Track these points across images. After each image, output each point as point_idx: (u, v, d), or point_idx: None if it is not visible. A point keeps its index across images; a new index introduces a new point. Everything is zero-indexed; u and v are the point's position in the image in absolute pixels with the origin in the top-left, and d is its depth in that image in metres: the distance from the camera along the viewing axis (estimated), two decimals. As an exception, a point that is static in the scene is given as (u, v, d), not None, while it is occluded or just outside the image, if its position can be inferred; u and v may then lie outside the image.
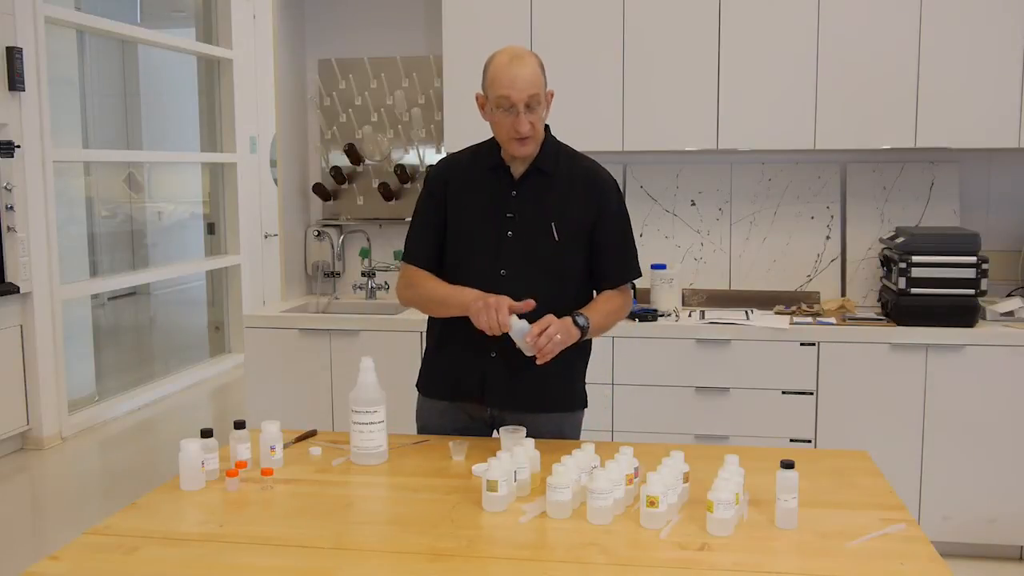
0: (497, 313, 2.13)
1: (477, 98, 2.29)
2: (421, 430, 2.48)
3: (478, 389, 2.35)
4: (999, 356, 3.42)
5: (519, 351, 2.17)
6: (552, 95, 2.29)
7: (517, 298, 2.21)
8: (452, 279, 2.33)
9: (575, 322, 2.22)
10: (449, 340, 2.37)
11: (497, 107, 2.22)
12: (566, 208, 2.31)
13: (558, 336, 2.14)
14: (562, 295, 2.32)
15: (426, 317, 2.47)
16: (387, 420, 2.19)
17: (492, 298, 2.16)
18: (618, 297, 2.39)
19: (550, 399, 2.37)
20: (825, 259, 4.02)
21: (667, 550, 1.71)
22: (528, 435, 2.13)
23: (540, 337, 2.11)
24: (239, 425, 2.15)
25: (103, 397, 5.98)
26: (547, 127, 2.34)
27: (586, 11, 3.79)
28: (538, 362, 2.16)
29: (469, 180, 2.36)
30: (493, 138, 2.36)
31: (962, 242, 3.49)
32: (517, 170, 2.33)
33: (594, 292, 2.42)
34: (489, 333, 2.15)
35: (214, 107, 7.08)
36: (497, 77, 2.21)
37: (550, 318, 2.16)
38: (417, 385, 2.52)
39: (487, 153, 2.36)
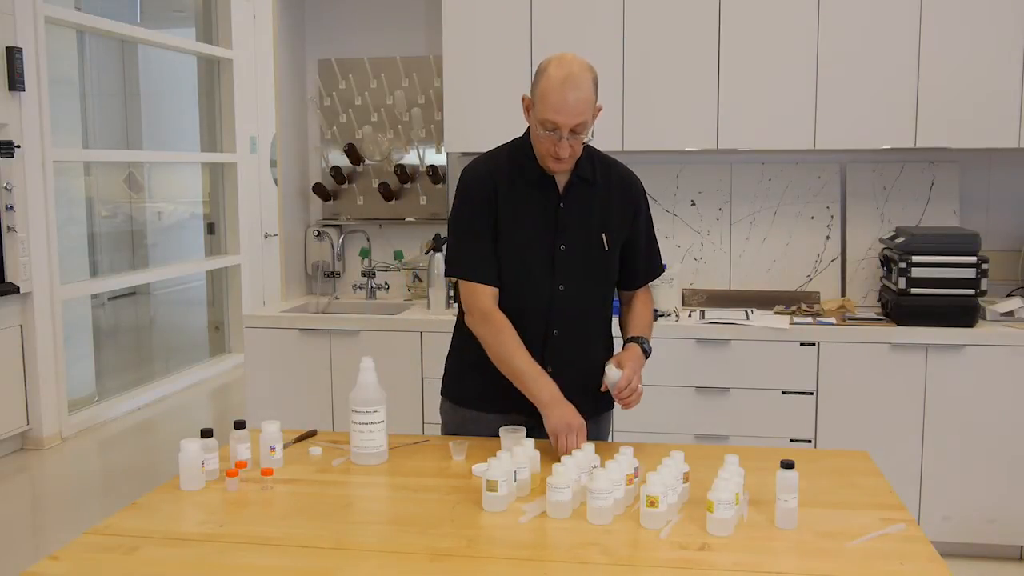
0: (576, 442, 2.10)
1: (523, 100, 2.21)
2: (450, 434, 2.43)
3: (532, 403, 2.29)
4: (999, 356, 3.42)
5: (570, 365, 2.26)
6: (600, 109, 2.19)
7: (573, 309, 2.28)
8: (507, 295, 2.26)
9: (644, 350, 2.29)
10: None
11: (542, 126, 2.14)
12: (610, 216, 2.30)
13: (640, 387, 2.20)
14: (608, 297, 2.38)
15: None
16: (387, 420, 2.19)
17: (576, 424, 2.12)
18: (650, 301, 2.46)
19: (596, 405, 2.36)
20: (825, 259, 4.02)
21: (667, 550, 1.71)
22: None
23: (625, 390, 2.17)
24: (239, 425, 2.15)
25: (103, 397, 5.99)
26: None
27: (586, 11, 3.79)
28: (623, 407, 2.23)
29: (515, 190, 2.25)
30: (524, 141, 2.28)
31: (962, 242, 3.49)
32: (560, 180, 2.26)
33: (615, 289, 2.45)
34: (559, 453, 2.11)
35: (214, 107, 7.08)
36: (547, 97, 2.10)
37: (634, 367, 2.20)
38: (448, 394, 2.45)
39: (525, 160, 2.25)
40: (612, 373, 2.18)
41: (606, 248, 2.28)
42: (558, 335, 2.29)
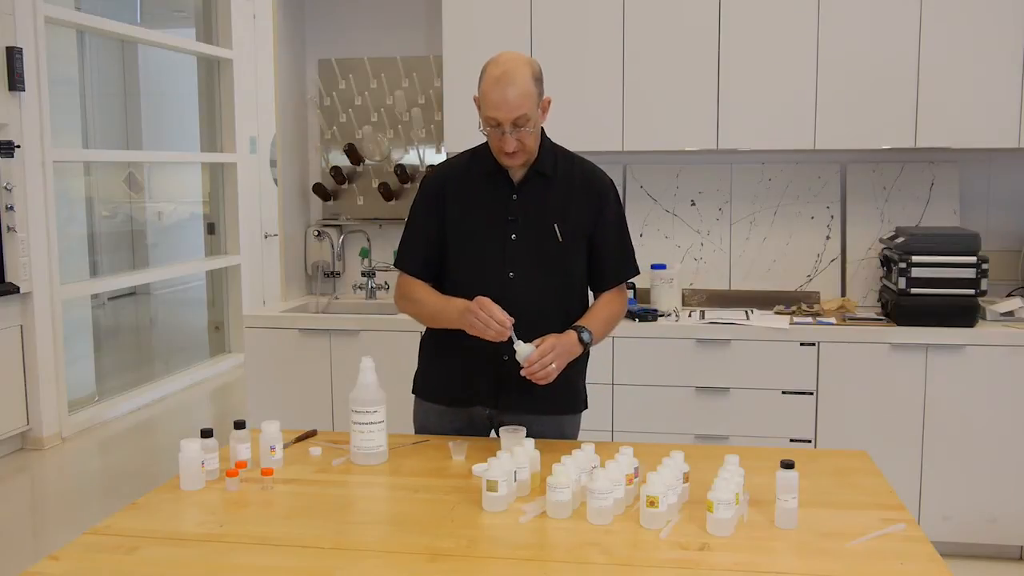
0: (490, 313, 2.12)
1: (475, 100, 2.26)
2: (419, 431, 2.47)
3: (492, 394, 2.34)
4: (999, 356, 3.42)
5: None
6: (549, 102, 2.25)
7: (526, 298, 2.25)
8: (461, 283, 2.30)
9: (580, 339, 2.25)
10: (456, 345, 2.30)
11: (486, 123, 2.21)
12: (567, 209, 2.31)
13: (552, 365, 2.15)
14: (570, 293, 2.36)
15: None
16: (387, 420, 2.19)
17: (474, 302, 2.15)
18: (616, 301, 2.41)
19: (560, 402, 2.38)
20: (825, 259, 4.02)
21: (667, 550, 1.71)
22: (531, 436, 2.13)
23: (534, 365, 2.13)
24: (239, 425, 2.15)
25: (103, 397, 5.99)
26: (542, 129, 2.32)
27: (586, 11, 3.79)
28: (539, 383, 2.17)
29: (467, 185, 2.34)
30: None
31: (962, 242, 3.49)
32: (517, 174, 2.31)
33: (590, 291, 2.44)
34: (497, 339, 2.13)
35: (214, 107, 7.08)
36: (485, 96, 2.17)
37: (553, 343, 2.17)
38: (415, 390, 2.49)
39: (486, 157, 2.32)
40: (523, 348, 2.14)
41: (559, 239, 2.29)
42: (513, 323, 2.27)
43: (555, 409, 2.38)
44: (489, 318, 2.12)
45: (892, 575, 1.62)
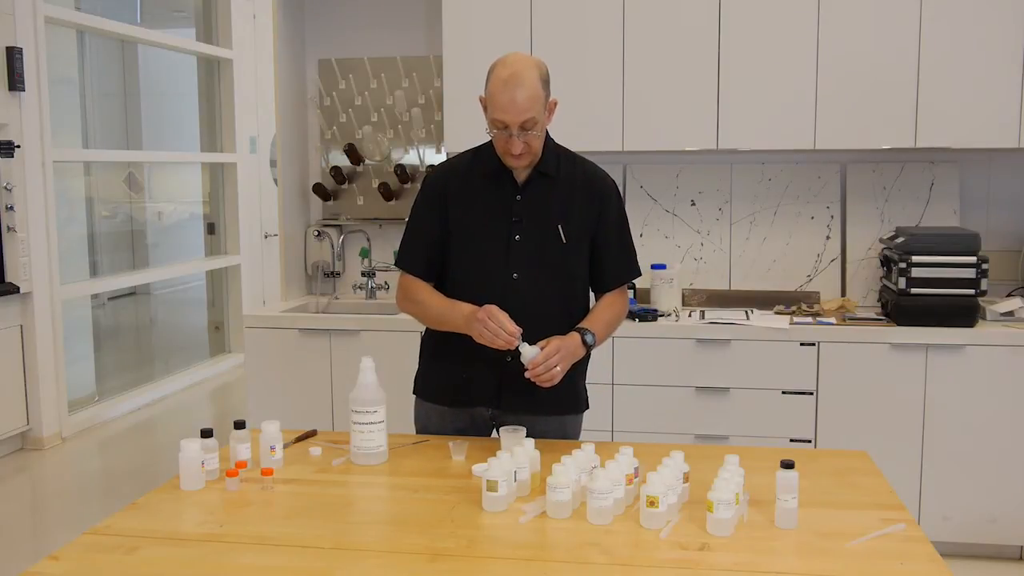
0: (500, 323, 2.12)
1: (480, 100, 2.26)
2: (421, 431, 2.47)
3: (494, 395, 2.34)
4: (999, 356, 3.42)
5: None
6: (555, 103, 2.26)
7: (530, 299, 2.25)
8: (463, 283, 2.31)
9: (584, 341, 2.25)
10: (458, 346, 2.29)
11: (493, 125, 2.20)
12: (570, 210, 2.32)
13: (557, 368, 2.15)
14: (573, 295, 2.36)
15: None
16: (387, 420, 2.19)
17: (483, 311, 2.15)
18: (618, 302, 2.41)
19: (562, 402, 2.38)
20: (825, 259, 4.02)
21: (667, 550, 1.71)
22: (534, 436, 2.13)
23: (539, 367, 2.13)
24: (239, 425, 2.15)
25: (103, 397, 5.99)
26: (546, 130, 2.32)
27: (586, 11, 3.79)
28: (544, 386, 2.17)
29: (471, 185, 2.33)
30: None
31: (962, 242, 3.49)
32: (520, 174, 2.31)
33: (591, 292, 2.44)
34: (505, 348, 2.13)
35: (214, 107, 7.08)
36: (494, 97, 2.16)
37: (558, 345, 2.17)
38: (415, 391, 2.49)
39: (488, 157, 2.32)
40: (527, 350, 2.14)
41: (563, 240, 2.30)
42: (520, 332, 2.26)
43: (557, 409, 2.39)
44: (499, 328, 2.12)
45: (892, 575, 1.62)
